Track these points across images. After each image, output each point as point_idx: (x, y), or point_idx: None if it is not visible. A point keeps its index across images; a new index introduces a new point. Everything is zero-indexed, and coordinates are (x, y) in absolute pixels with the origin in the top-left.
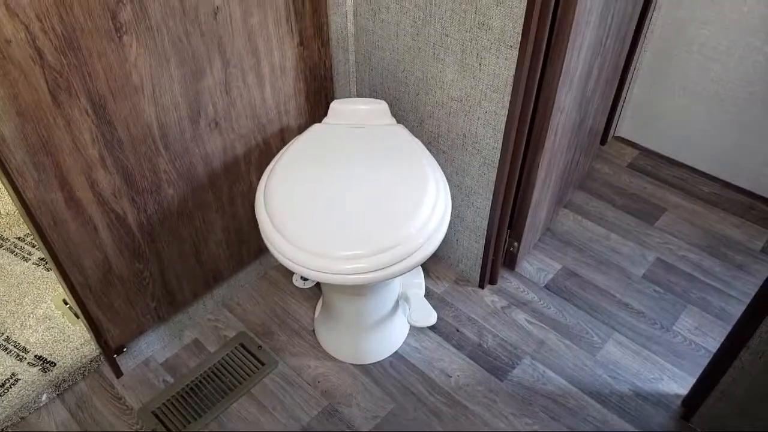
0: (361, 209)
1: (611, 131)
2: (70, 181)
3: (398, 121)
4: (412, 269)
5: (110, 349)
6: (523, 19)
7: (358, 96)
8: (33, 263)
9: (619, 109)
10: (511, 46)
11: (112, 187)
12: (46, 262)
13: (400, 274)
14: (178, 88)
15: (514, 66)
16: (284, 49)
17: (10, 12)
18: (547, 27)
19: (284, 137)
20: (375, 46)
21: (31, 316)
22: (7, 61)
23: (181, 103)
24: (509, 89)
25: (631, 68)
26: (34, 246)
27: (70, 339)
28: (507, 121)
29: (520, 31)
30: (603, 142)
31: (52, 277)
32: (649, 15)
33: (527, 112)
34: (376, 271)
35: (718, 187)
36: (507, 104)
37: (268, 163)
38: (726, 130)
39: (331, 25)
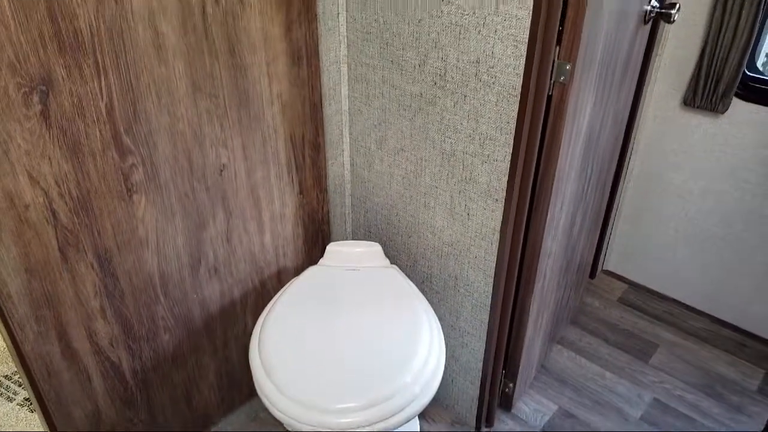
0: (356, 358)
1: (599, 265)
2: (68, 333)
3: (392, 262)
4: (409, 420)
5: None
6: (507, 176)
7: (353, 237)
8: (18, 404)
9: (605, 244)
10: (496, 200)
11: (109, 336)
12: (31, 403)
13: (397, 427)
14: (181, 239)
15: (500, 217)
16: (285, 198)
17: (32, 180)
18: (530, 182)
19: (281, 279)
20: (370, 192)
21: None
22: (24, 223)
23: (183, 253)
24: (497, 237)
25: (614, 209)
26: (20, 385)
27: None
28: (496, 266)
29: (505, 186)
30: (592, 275)
31: (37, 420)
32: (626, 163)
33: (515, 258)
34: (371, 425)
35: (708, 323)
36: (495, 251)
37: (263, 306)
38: (709, 267)
39: (329, 175)
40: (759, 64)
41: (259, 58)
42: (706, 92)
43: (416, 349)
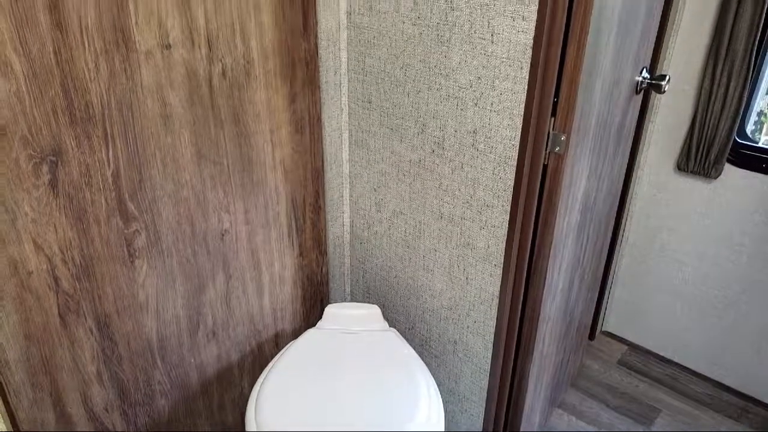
0: (353, 425)
1: (599, 326)
2: (64, 399)
3: (390, 324)
4: None
5: None
6: (505, 242)
7: (352, 298)
8: None
9: (604, 305)
10: (495, 265)
11: (105, 401)
12: None
13: None
14: (180, 302)
15: (499, 282)
16: (284, 260)
17: (37, 247)
18: (528, 249)
19: (279, 342)
20: (369, 253)
21: None
22: (26, 290)
23: (182, 316)
24: (496, 302)
25: (611, 271)
26: None
27: None
28: (496, 331)
29: (503, 252)
30: (591, 337)
31: None
32: (622, 226)
33: (515, 323)
34: None
35: (709, 387)
36: (495, 315)
37: (261, 369)
38: (708, 330)
39: (329, 236)
40: (748, 131)
41: (263, 127)
42: (699, 158)
43: (414, 416)
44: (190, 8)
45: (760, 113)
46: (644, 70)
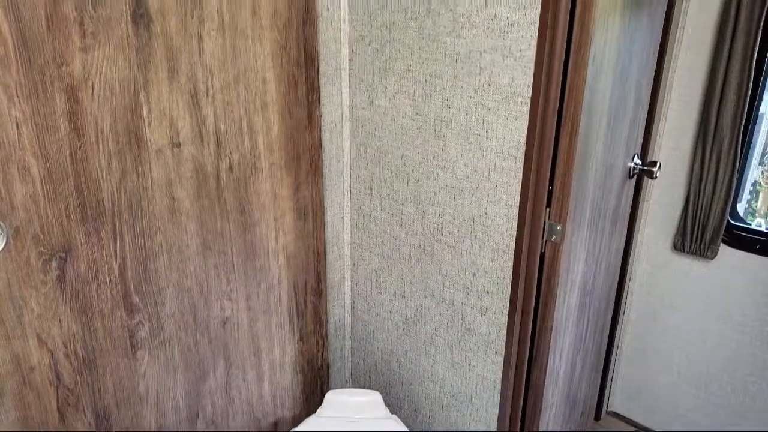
0: None
1: (604, 406)
2: None
3: (392, 410)
4: None
5: None
6: (506, 329)
7: (353, 382)
8: None
9: (608, 385)
10: (496, 353)
11: None
12: None
13: None
14: (181, 392)
15: (500, 369)
16: (285, 345)
17: (41, 342)
18: (529, 335)
19: (278, 430)
20: (370, 336)
21: None
22: (26, 386)
23: (182, 407)
24: (498, 389)
25: (614, 351)
26: None
27: None
28: (498, 419)
29: (504, 339)
30: (597, 417)
31: None
32: (622, 307)
33: (517, 411)
34: None
35: None
36: (497, 403)
37: None
38: (717, 411)
39: (330, 319)
40: (740, 211)
41: (268, 215)
42: (694, 239)
43: None
44: (200, 108)
45: (755, 183)
46: (636, 156)
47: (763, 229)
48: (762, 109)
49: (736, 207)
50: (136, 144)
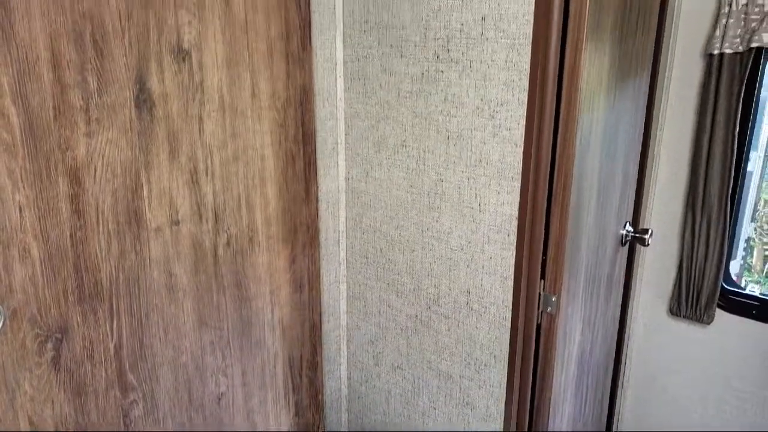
0: None
1: None
2: None
3: None
4: None
5: None
6: (504, 401)
7: None
8: None
9: None
10: (495, 427)
11: None
12: None
13: None
14: None
15: None
16: (280, 421)
17: (32, 425)
18: (528, 408)
19: None
20: (367, 409)
21: None
22: None
23: None
24: None
25: (615, 418)
26: None
27: None
28: None
29: (503, 412)
30: None
31: None
32: (621, 373)
33: None
34: None
35: None
36: None
37: None
38: None
39: (326, 392)
40: (736, 267)
41: (264, 289)
42: (690, 304)
43: None
44: (199, 186)
45: (748, 239)
46: (627, 223)
47: (757, 294)
48: (750, 167)
49: (729, 272)
50: (135, 223)
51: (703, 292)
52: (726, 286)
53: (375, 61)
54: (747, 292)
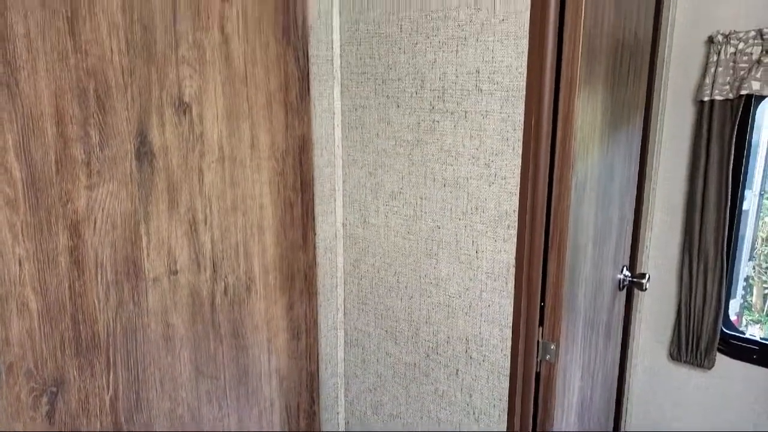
0: None
1: None
2: None
3: None
4: None
5: None
6: None
7: None
8: None
9: None
10: None
11: None
12: None
13: None
14: None
15: None
16: None
17: None
18: None
19: None
20: None
21: None
22: None
23: None
24: None
25: None
26: None
27: None
28: None
29: None
30: None
31: None
32: (623, 417)
33: None
34: None
35: None
36: None
37: None
38: None
39: None
40: (736, 307)
41: (261, 337)
42: (690, 349)
43: None
44: (198, 236)
45: (747, 278)
46: (624, 268)
47: (758, 338)
48: (745, 206)
49: (728, 316)
50: (134, 274)
51: (702, 337)
52: (726, 330)
53: (372, 111)
54: (747, 336)
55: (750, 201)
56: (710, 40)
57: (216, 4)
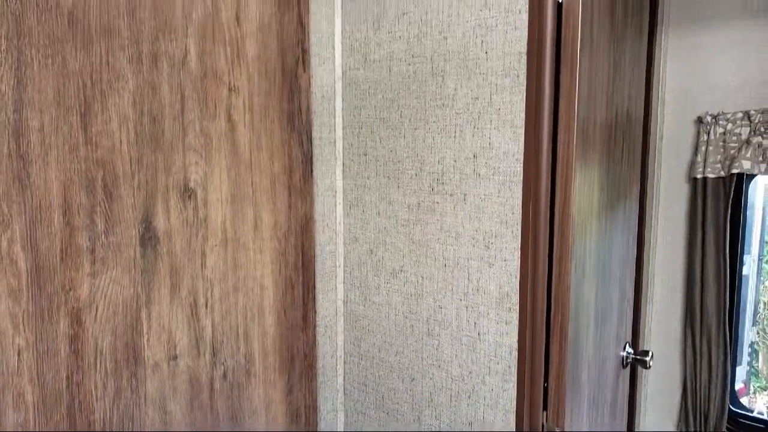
0: None
1: None
2: None
3: None
4: None
5: None
6: None
7: None
8: None
9: None
10: None
11: None
12: None
13: None
14: None
15: None
16: None
17: None
18: None
19: None
20: None
21: None
22: None
23: None
24: None
25: None
26: None
27: None
28: None
29: None
30: None
31: None
32: None
33: None
34: None
35: None
36: None
37: None
38: None
39: None
40: (743, 374)
41: (260, 422)
42: (698, 427)
43: None
44: (198, 320)
45: (752, 344)
46: (627, 345)
47: (765, 416)
48: (745, 270)
49: (735, 394)
50: (133, 360)
51: (710, 415)
52: (733, 409)
53: (373, 191)
54: (755, 414)
55: (749, 266)
56: (699, 121)
57: (223, 94)
